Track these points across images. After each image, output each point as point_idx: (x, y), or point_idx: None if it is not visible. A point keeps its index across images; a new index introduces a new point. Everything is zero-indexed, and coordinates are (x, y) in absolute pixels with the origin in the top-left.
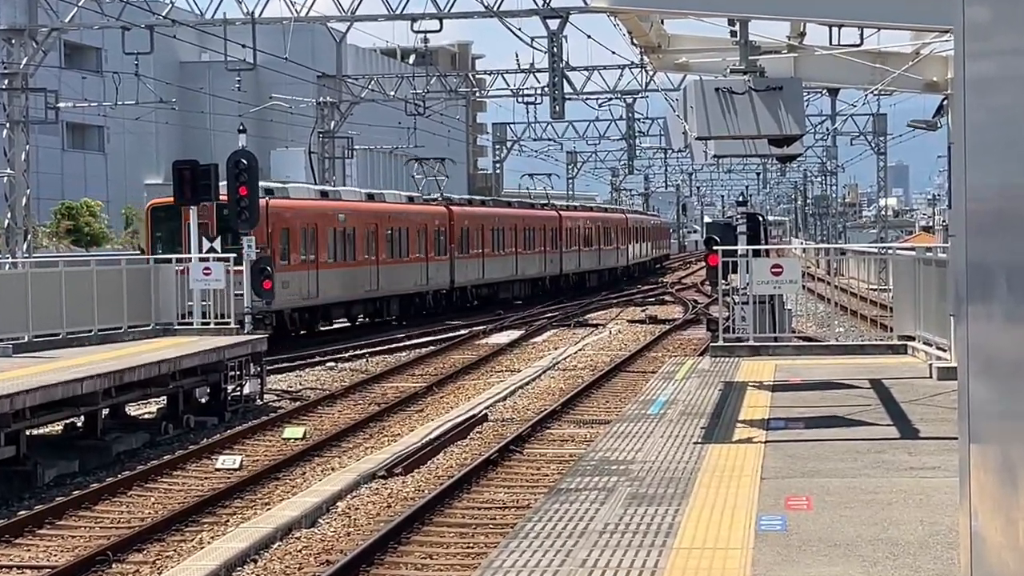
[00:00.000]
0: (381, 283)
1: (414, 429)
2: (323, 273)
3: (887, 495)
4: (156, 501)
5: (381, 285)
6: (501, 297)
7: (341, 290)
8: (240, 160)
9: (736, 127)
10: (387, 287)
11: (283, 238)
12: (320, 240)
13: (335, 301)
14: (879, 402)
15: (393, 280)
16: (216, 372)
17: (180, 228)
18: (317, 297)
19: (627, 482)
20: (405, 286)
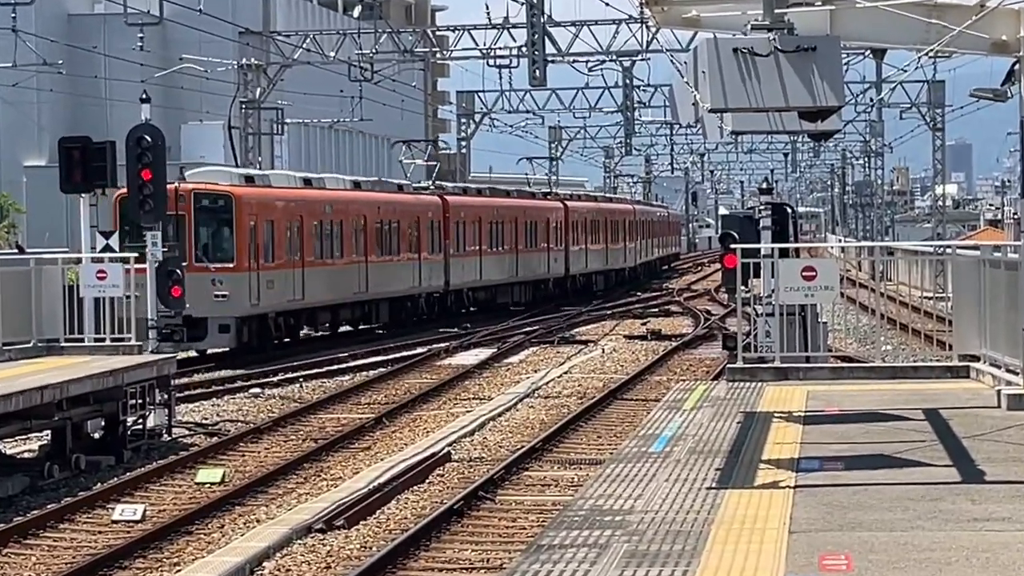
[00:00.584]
0: (370, 284)
1: (359, 471)
2: (308, 272)
3: (945, 553)
4: (38, 561)
5: (370, 287)
6: (499, 302)
7: (327, 292)
8: (143, 137)
9: (759, 97)
10: (376, 289)
11: (267, 232)
12: (305, 235)
13: (321, 304)
14: (935, 437)
15: (382, 281)
16: (113, 401)
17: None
18: (303, 299)
19: (624, 537)
20: (395, 288)
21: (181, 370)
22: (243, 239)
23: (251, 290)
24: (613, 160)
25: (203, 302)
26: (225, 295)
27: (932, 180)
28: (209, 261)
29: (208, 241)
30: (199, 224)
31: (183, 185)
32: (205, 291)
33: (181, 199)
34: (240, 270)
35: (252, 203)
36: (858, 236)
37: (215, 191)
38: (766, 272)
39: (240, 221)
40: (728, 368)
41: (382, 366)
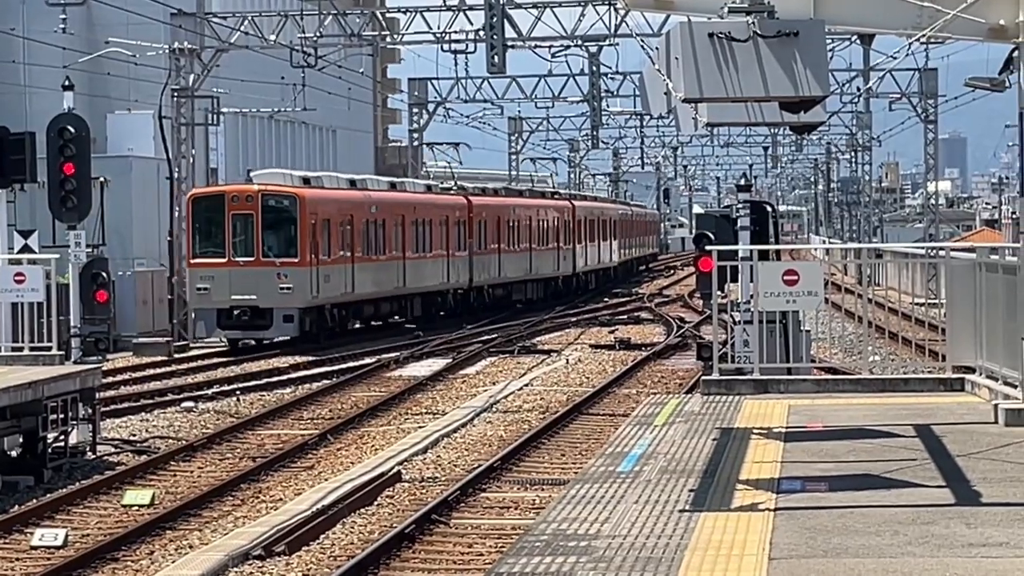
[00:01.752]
0: (407, 280)
1: (301, 493)
2: (358, 267)
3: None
4: None
5: (407, 282)
6: (514, 298)
7: (372, 286)
8: (65, 127)
9: (736, 86)
10: (411, 284)
11: (325, 230)
12: (355, 233)
13: (366, 298)
14: (927, 456)
15: (417, 277)
16: (31, 415)
17: (224, 221)
18: (352, 292)
19: (589, 564)
20: (427, 284)
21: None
22: (305, 236)
23: (312, 283)
24: (578, 154)
25: (269, 294)
26: (289, 287)
27: (924, 176)
28: (275, 256)
29: (274, 238)
30: (266, 222)
31: (251, 186)
32: (271, 284)
33: (249, 199)
34: (303, 265)
35: (314, 203)
36: (844, 237)
37: (281, 192)
38: (744, 276)
39: (303, 220)
40: (703, 380)
41: (326, 378)
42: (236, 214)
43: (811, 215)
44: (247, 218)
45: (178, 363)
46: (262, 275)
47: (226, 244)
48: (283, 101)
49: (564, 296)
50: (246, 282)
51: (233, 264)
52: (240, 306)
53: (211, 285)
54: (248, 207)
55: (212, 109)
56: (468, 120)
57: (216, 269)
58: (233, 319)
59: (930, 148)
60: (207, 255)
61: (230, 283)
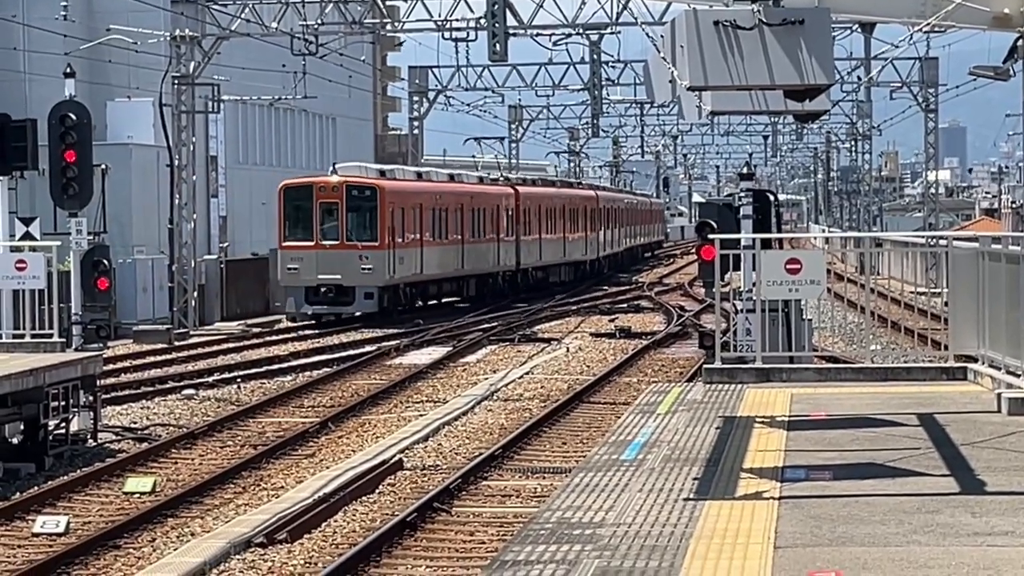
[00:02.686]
0: (465, 262)
1: (303, 480)
2: (427, 250)
3: (944, 570)
4: None
5: (465, 264)
6: (551, 280)
7: (438, 267)
8: (67, 115)
9: (741, 74)
10: (469, 266)
11: (400, 217)
12: (424, 219)
13: (432, 278)
14: (931, 445)
15: (473, 260)
16: (33, 403)
17: (312, 210)
18: (422, 273)
19: (595, 552)
20: (482, 266)
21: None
22: (384, 222)
23: (389, 264)
24: (578, 142)
25: (352, 274)
26: (370, 268)
27: (924, 165)
28: (357, 240)
29: (357, 224)
30: (349, 210)
31: (336, 178)
32: (354, 265)
33: (335, 189)
34: (382, 248)
35: (391, 193)
36: (843, 226)
37: (364, 183)
38: (747, 265)
39: (382, 208)
40: (705, 369)
41: (326, 365)
42: (323, 202)
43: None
44: (333, 206)
45: (178, 351)
46: (346, 257)
47: (314, 229)
48: (284, 89)
49: (589, 278)
50: (332, 263)
51: (320, 247)
52: (326, 284)
53: (300, 266)
54: (334, 196)
55: (212, 97)
56: (468, 108)
57: (304, 252)
58: (320, 296)
59: (930, 137)
60: (296, 239)
61: (317, 264)
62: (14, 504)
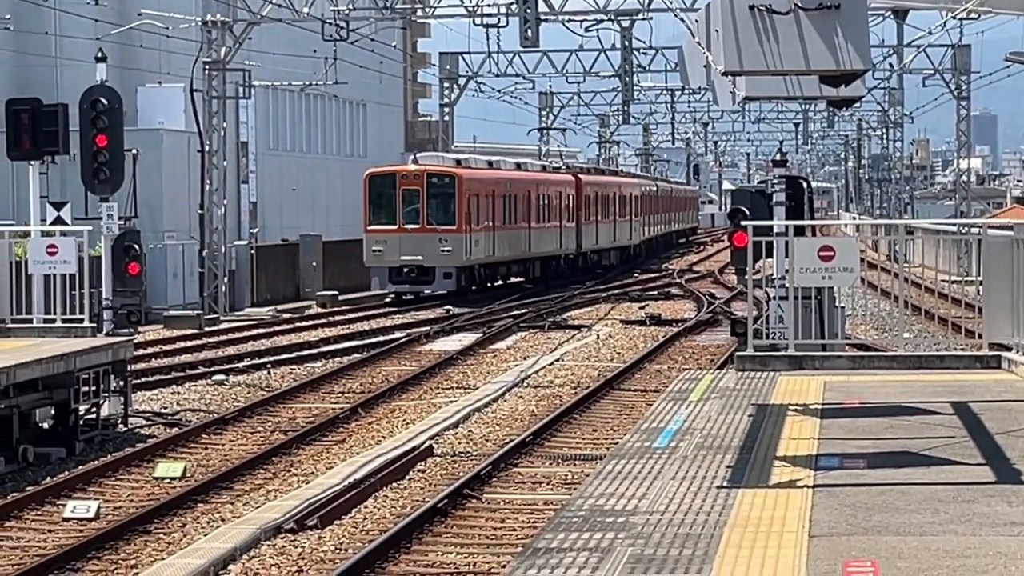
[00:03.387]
0: (531, 245)
1: (333, 466)
2: (499, 234)
3: (981, 560)
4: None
5: (531, 247)
6: (602, 263)
7: (508, 250)
8: (98, 100)
9: (777, 59)
10: (535, 249)
11: (475, 203)
12: (495, 205)
13: (503, 260)
14: (966, 433)
15: (538, 243)
16: (63, 387)
17: (395, 196)
18: (494, 255)
19: (628, 540)
20: (546, 249)
21: None
22: (462, 208)
23: (466, 246)
24: (609, 129)
25: (432, 255)
26: (449, 250)
27: (955, 153)
28: (437, 224)
29: (436, 209)
30: (430, 196)
31: (418, 167)
32: (434, 247)
33: (416, 177)
34: (459, 231)
35: (468, 181)
36: (874, 213)
37: (443, 171)
38: (779, 251)
39: (460, 194)
40: (737, 356)
41: (357, 351)
42: (406, 189)
43: (841, 192)
44: (415, 193)
45: (209, 336)
46: (427, 240)
47: (397, 214)
48: (314, 74)
49: (632, 260)
50: (413, 245)
51: (403, 230)
52: (408, 265)
53: (384, 248)
54: (416, 183)
55: (243, 82)
56: (499, 94)
57: (388, 235)
58: (402, 276)
59: (962, 125)
60: (380, 223)
61: (400, 246)
62: (45, 489)
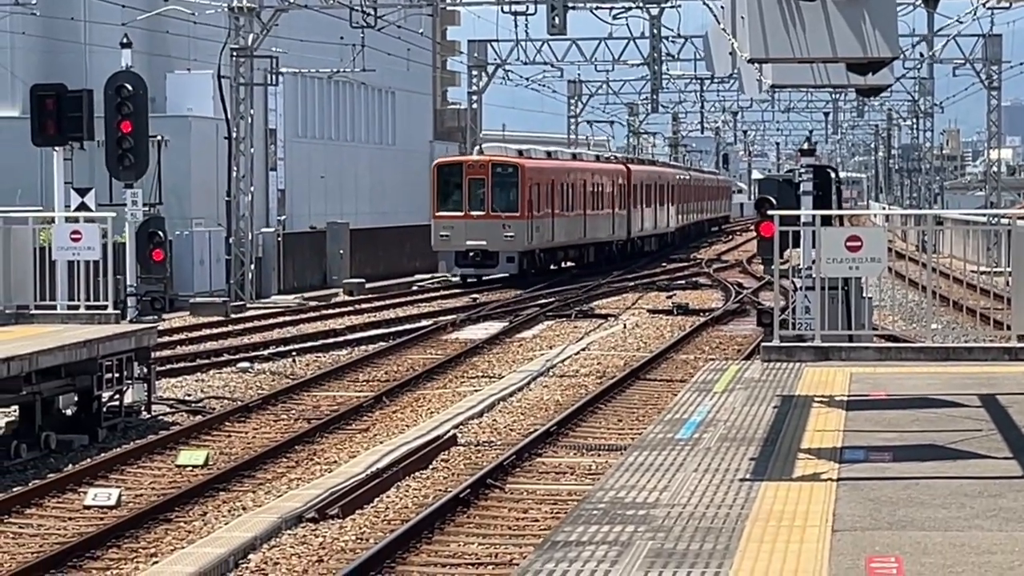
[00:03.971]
0: (586, 232)
1: (356, 455)
2: (557, 221)
3: (1008, 556)
4: (2, 550)
5: (586, 234)
6: (647, 250)
7: (565, 236)
8: (123, 85)
9: (803, 47)
10: (590, 235)
11: (536, 191)
12: (554, 194)
13: (561, 245)
14: (993, 426)
15: (593, 229)
16: (87, 374)
17: (462, 185)
18: (553, 241)
19: (648, 533)
20: (599, 235)
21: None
22: (525, 196)
23: (528, 232)
24: (638, 118)
25: (496, 240)
26: (512, 235)
27: (986, 144)
28: (501, 211)
29: (501, 197)
30: (495, 185)
31: (484, 157)
32: (498, 232)
33: (482, 167)
34: (522, 218)
35: (530, 170)
36: (903, 204)
37: (507, 162)
38: (806, 241)
39: (523, 183)
40: (763, 347)
41: (383, 340)
42: (472, 178)
43: (871, 181)
44: (480, 181)
45: (235, 323)
46: (491, 226)
47: (463, 201)
48: (342, 62)
49: (669, 247)
50: (479, 231)
51: (469, 217)
52: (473, 249)
53: (451, 233)
54: (481, 173)
55: (271, 69)
56: (527, 82)
57: (455, 221)
58: (468, 259)
59: (992, 115)
60: (448, 209)
61: (466, 231)
62: (67, 476)
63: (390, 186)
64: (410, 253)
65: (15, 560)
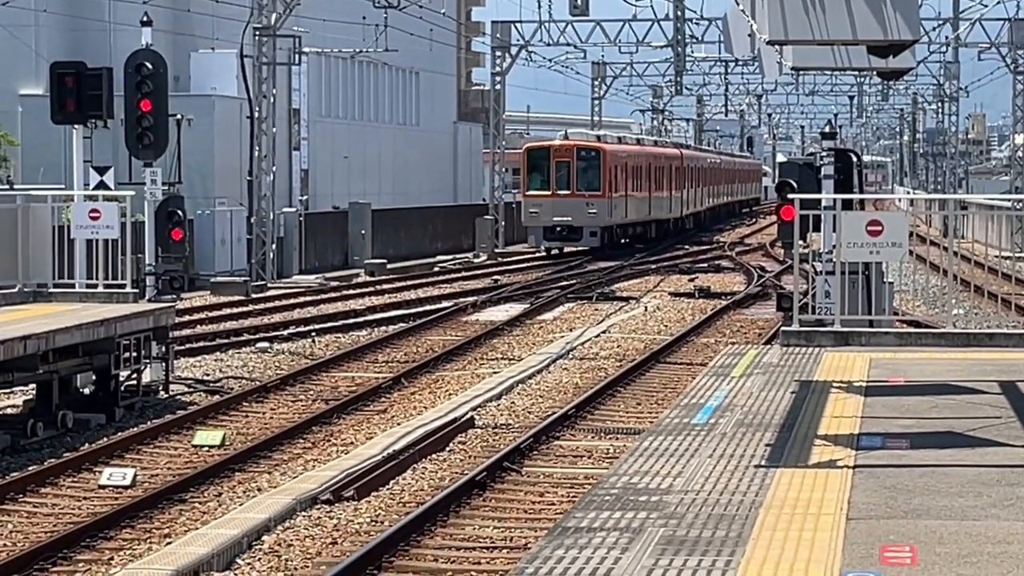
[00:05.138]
0: (651, 210)
1: (373, 437)
2: (629, 200)
3: (1023, 546)
4: (15, 530)
5: (651, 212)
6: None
7: (635, 214)
8: (143, 64)
9: (823, 29)
10: (653, 214)
11: (614, 173)
12: (628, 176)
13: (631, 222)
14: (1012, 414)
15: (657, 208)
16: (104, 353)
17: (549, 166)
18: (626, 218)
19: (660, 520)
20: (659, 214)
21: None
22: (606, 177)
23: (608, 209)
24: (662, 100)
25: (580, 216)
26: (595, 212)
27: (1011, 128)
28: (584, 190)
29: (584, 177)
30: (579, 167)
31: (569, 141)
32: (582, 209)
33: (567, 151)
34: (604, 197)
35: (610, 154)
36: (928, 188)
37: (590, 146)
38: (827, 226)
39: (604, 165)
40: (782, 331)
41: (403, 320)
42: (559, 161)
43: (895, 166)
44: (567, 164)
45: (255, 303)
46: (576, 203)
47: (551, 181)
48: (364, 42)
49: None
50: (564, 208)
51: (556, 196)
52: (560, 224)
53: (539, 210)
54: (567, 156)
55: (294, 49)
56: (550, 64)
57: (543, 199)
58: (555, 234)
59: (1018, 99)
60: (537, 189)
61: (553, 208)
62: (82, 455)
63: (413, 167)
64: (432, 234)
65: (28, 540)
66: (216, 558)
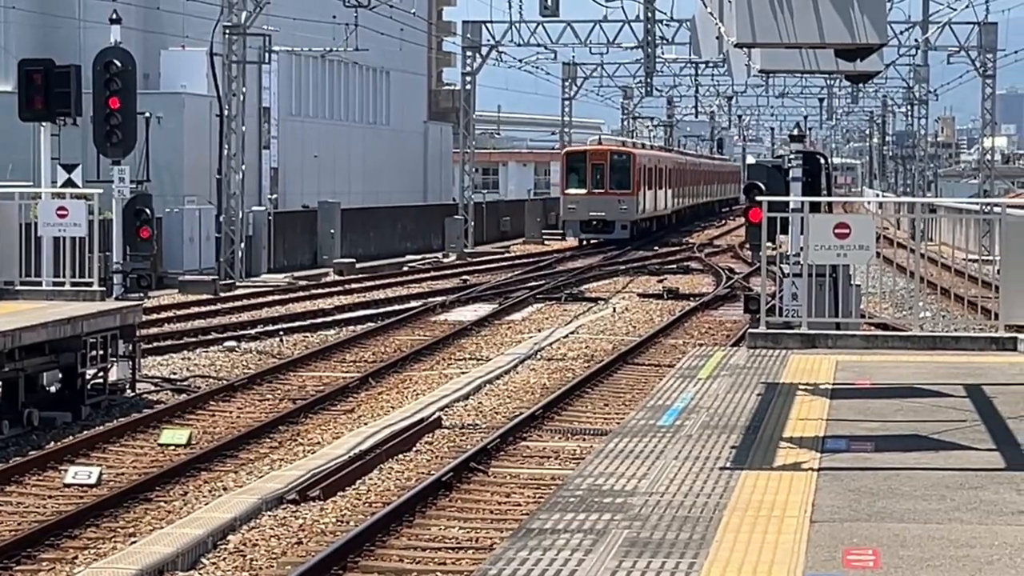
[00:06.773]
0: (668, 204)
1: (340, 436)
2: (654, 197)
3: (987, 550)
4: None
5: (667, 206)
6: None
7: (655, 210)
8: (112, 61)
9: (790, 32)
10: (668, 208)
11: (642, 174)
12: (651, 177)
13: (652, 216)
14: (977, 417)
15: (667, 204)
16: (71, 351)
17: (586, 168)
18: (655, 211)
19: (624, 521)
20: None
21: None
22: (636, 178)
23: (637, 206)
24: (632, 101)
25: (613, 212)
26: (626, 208)
27: (980, 132)
28: (617, 189)
29: (616, 178)
30: (612, 169)
31: (603, 146)
32: (615, 206)
33: (602, 154)
34: (633, 195)
35: (639, 157)
36: (898, 191)
37: (623, 151)
38: (795, 228)
39: (635, 168)
40: (749, 333)
41: (371, 320)
42: (594, 163)
43: (865, 168)
44: (601, 166)
45: (223, 302)
46: (609, 200)
47: (587, 181)
48: (335, 41)
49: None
50: (599, 204)
51: (591, 194)
52: (595, 219)
53: (576, 206)
54: (601, 159)
55: (264, 47)
56: (521, 64)
57: (580, 197)
58: (590, 227)
59: (987, 103)
60: (574, 187)
61: (589, 205)
62: (47, 453)
63: (384, 166)
64: (401, 234)
65: None
66: (181, 558)
